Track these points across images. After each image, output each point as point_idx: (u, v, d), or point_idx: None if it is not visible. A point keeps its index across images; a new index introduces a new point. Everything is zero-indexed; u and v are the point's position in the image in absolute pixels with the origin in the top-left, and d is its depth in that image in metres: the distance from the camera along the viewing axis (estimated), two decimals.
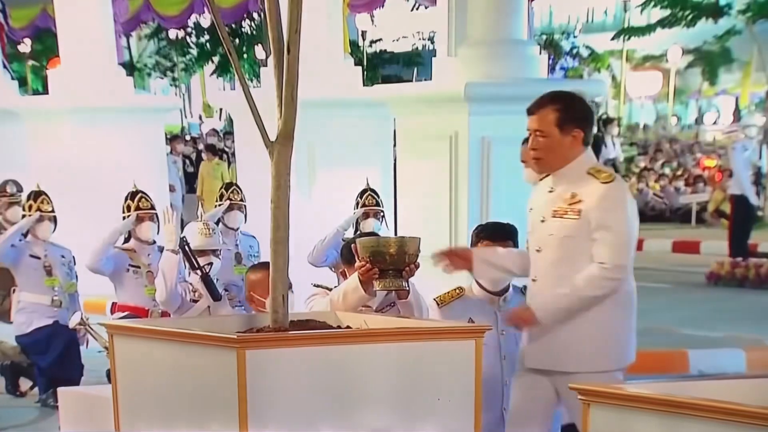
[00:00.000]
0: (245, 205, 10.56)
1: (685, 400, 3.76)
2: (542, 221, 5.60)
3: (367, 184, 9.89)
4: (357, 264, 5.68)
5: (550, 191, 5.62)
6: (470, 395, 4.86)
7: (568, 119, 5.59)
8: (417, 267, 5.59)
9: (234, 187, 10.82)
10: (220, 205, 10.69)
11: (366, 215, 9.64)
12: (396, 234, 10.31)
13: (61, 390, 7.09)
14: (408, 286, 5.70)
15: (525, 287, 6.02)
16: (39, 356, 9.81)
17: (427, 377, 4.80)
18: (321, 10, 12.67)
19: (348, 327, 5.15)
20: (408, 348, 4.82)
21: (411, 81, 23.03)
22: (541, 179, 5.82)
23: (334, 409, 4.65)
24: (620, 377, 5.62)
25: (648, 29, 28.25)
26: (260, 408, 4.51)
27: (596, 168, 5.59)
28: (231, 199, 10.59)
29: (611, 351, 5.55)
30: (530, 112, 5.71)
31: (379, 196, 9.80)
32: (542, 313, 5.55)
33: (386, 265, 5.55)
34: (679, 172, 25.52)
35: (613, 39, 32.95)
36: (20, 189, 11.71)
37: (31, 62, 35.26)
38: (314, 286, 6.54)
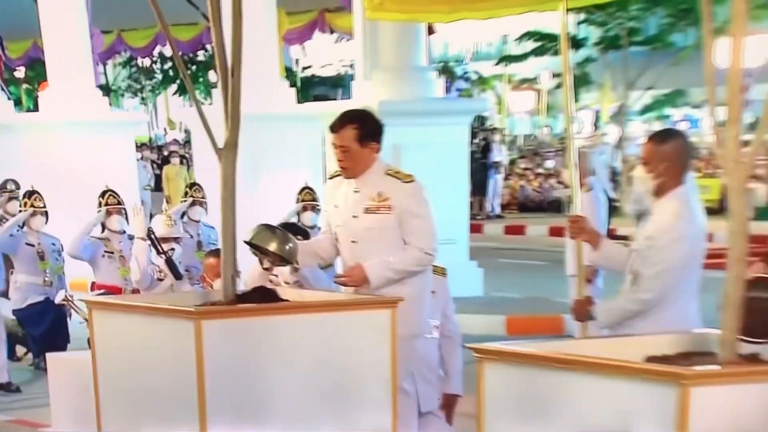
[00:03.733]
0: (206, 201, 10.40)
1: (567, 357, 3.67)
2: (354, 217, 5.37)
3: (306, 182, 9.77)
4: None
5: (356, 192, 5.40)
6: (387, 361, 4.79)
7: (367, 135, 5.38)
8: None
9: (196, 186, 10.70)
10: (184, 201, 10.56)
11: (305, 209, 9.51)
12: None
13: (49, 355, 6.95)
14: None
15: None
16: (32, 327, 9.71)
17: (351, 343, 4.74)
18: (260, 42, 12.56)
19: (286, 300, 5.04)
20: (336, 317, 4.78)
21: (336, 99, 23.01)
22: (330, 178, 5.62)
23: (276, 370, 4.58)
24: (419, 343, 5.43)
25: (523, 57, 28.34)
26: (215, 370, 4.43)
27: (393, 170, 5.42)
28: (194, 197, 10.46)
29: (408, 319, 5.17)
30: (333, 129, 5.45)
31: (315, 193, 9.65)
32: (373, 275, 5.26)
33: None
34: (551, 172, 25.62)
35: (496, 65, 33.04)
36: (18, 186, 11.67)
37: (25, 86, 34.66)
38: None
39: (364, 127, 5.40)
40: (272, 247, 5.29)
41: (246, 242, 5.31)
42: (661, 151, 4.71)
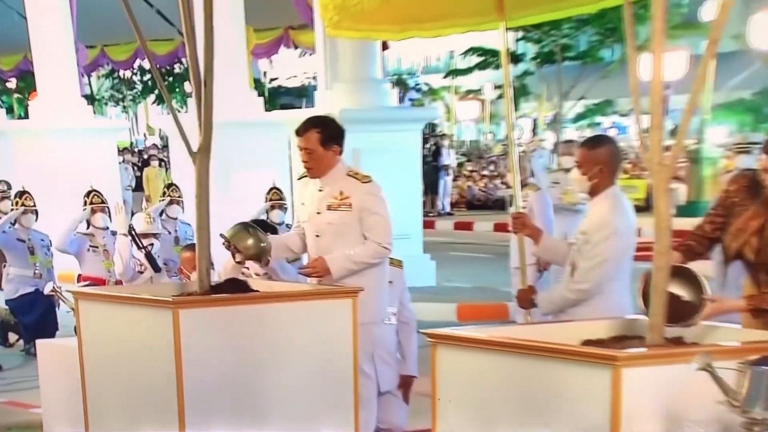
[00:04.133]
0: (182, 200, 10.32)
1: (510, 341, 3.66)
2: (318, 213, 5.35)
3: (273, 183, 9.70)
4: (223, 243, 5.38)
5: (320, 190, 5.37)
6: (349, 345, 4.76)
7: (329, 138, 5.34)
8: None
9: (173, 186, 10.59)
10: (162, 200, 10.47)
11: (273, 207, 9.45)
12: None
13: (39, 342, 6.86)
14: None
15: None
16: (24, 316, 9.64)
17: (316, 329, 4.70)
18: (231, 56, 12.50)
19: (257, 290, 5.00)
20: (302, 306, 4.74)
21: (301, 108, 22.96)
22: (299, 178, 5.57)
23: (247, 354, 4.54)
24: (378, 329, 5.39)
25: (468, 71, 28.44)
26: (191, 355, 4.38)
27: (353, 171, 5.39)
28: (171, 196, 10.37)
29: (368, 307, 5.11)
30: (298, 133, 5.37)
31: (282, 192, 9.59)
32: (335, 267, 5.24)
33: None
34: (495, 174, 25.71)
35: (444, 78, 33.15)
36: (10, 187, 11.54)
37: (16, 95, 34.34)
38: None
39: (326, 131, 5.37)
40: (248, 245, 5.27)
41: (222, 236, 5.28)
42: (593, 155, 4.73)
